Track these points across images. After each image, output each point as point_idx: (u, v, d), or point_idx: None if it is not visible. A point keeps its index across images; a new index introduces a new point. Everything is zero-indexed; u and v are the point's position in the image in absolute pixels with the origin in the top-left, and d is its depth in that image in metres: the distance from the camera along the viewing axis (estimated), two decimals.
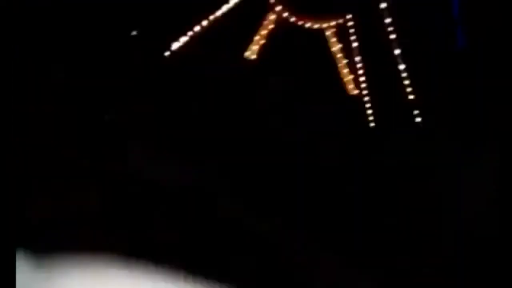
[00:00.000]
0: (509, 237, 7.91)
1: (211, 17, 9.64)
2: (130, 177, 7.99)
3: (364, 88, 10.07)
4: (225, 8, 9.68)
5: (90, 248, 7.16)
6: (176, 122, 8.76)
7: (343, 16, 10.19)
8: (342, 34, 10.27)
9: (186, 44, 9.51)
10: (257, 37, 10.02)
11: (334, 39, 10.44)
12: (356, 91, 10.09)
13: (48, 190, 7.61)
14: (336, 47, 10.48)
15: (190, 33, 9.57)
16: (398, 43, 10.06)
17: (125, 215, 7.71)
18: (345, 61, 10.43)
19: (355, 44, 10.25)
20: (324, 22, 10.17)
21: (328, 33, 10.38)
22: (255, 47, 10.03)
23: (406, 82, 9.92)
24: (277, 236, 7.76)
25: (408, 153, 8.80)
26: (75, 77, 8.88)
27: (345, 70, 10.37)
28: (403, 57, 9.98)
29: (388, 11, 9.97)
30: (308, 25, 10.10)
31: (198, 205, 7.94)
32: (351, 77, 10.39)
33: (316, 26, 10.11)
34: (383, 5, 9.93)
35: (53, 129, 8.16)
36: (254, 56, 10.07)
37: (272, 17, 10.03)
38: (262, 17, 9.88)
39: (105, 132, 8.46)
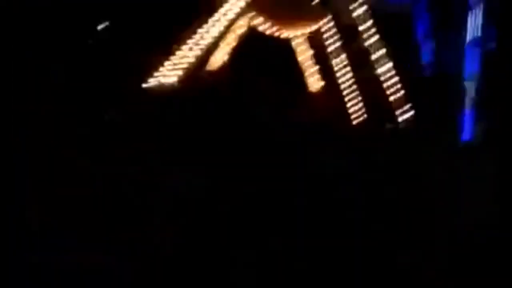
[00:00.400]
0: (508, 237, 7.92)
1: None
2: (130, 177, 8.00)
3: (345, 88, 10.16)
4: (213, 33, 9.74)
5: (89, 247, 7.17)
6: (174, 124, 8.78)
7: (320, 21, 10.26)
8: (314, 39, 10.37)
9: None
10: (228, 39, 10.09)
11: (301, 48, 10.49)
12: (322, 99, 10.25)
13: (48, 190, 7.60)
14: (304, 56, 10.56)
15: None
16: (376, 47, 10.18)
17: (125, 215, 7.71)
18: (312, 69, 10.53)
19: (334, 47, 10.34)
20: (303, 27, 10.23)
21: (294, 42, 10.44)
22: (226, 48, 10.10)
23: (386, 84, 10.03)
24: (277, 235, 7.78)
25: (408, 153, 8.81)
26: (75, 77, 8.90)
27: (313, 78, 10.46)
28: (381, 61, 10.11)
29: (367, 15, 10.10)
30: (276, 34, 10.17)
31: (198, 205, 7.95)
32: (320, 84, 10.49)
33: (284, 35, 10.19)
34: (361, 10, 10.07)
35: (53, 129, 8.16)
36: (226, 57, 10.14)
37: (244, 21, 10.07)
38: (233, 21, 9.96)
39: (105, 132, 8.47)
